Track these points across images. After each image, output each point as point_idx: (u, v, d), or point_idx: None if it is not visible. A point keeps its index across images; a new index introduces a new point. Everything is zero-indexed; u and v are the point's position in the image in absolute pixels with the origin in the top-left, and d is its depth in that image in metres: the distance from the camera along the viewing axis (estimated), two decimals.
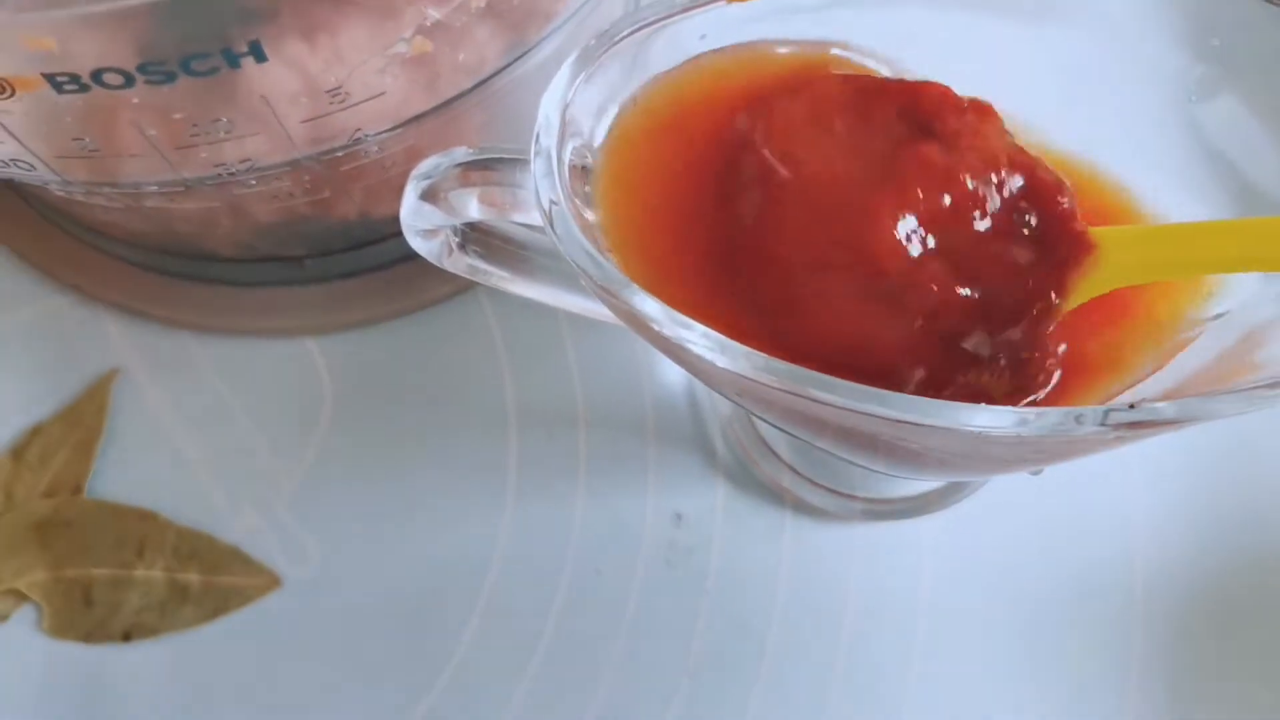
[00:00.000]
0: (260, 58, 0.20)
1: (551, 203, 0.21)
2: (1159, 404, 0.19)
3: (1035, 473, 0.29)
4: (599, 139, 0.24)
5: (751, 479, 0.32)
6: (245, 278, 0.32)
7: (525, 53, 0.27)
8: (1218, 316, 0.23)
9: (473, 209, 0.24)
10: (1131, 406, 0.19)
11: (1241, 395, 0.19)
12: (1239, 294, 0.23)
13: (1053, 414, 0.18)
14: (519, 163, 0.23)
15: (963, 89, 0.23)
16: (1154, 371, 0.22)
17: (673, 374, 0.33)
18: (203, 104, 0.21)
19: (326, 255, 0.31)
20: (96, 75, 0.19)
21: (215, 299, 0.33)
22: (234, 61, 0.20)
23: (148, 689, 0.29)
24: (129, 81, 0.20)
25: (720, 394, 0.25)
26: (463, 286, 0.33)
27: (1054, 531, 0.31)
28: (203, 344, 0.33)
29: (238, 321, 0.32)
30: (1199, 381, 0.22)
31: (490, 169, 0.24)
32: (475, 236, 0.26)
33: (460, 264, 0.26)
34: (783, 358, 0.18)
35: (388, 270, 0.32)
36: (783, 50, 0.25)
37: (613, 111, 0.24)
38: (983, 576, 0.30)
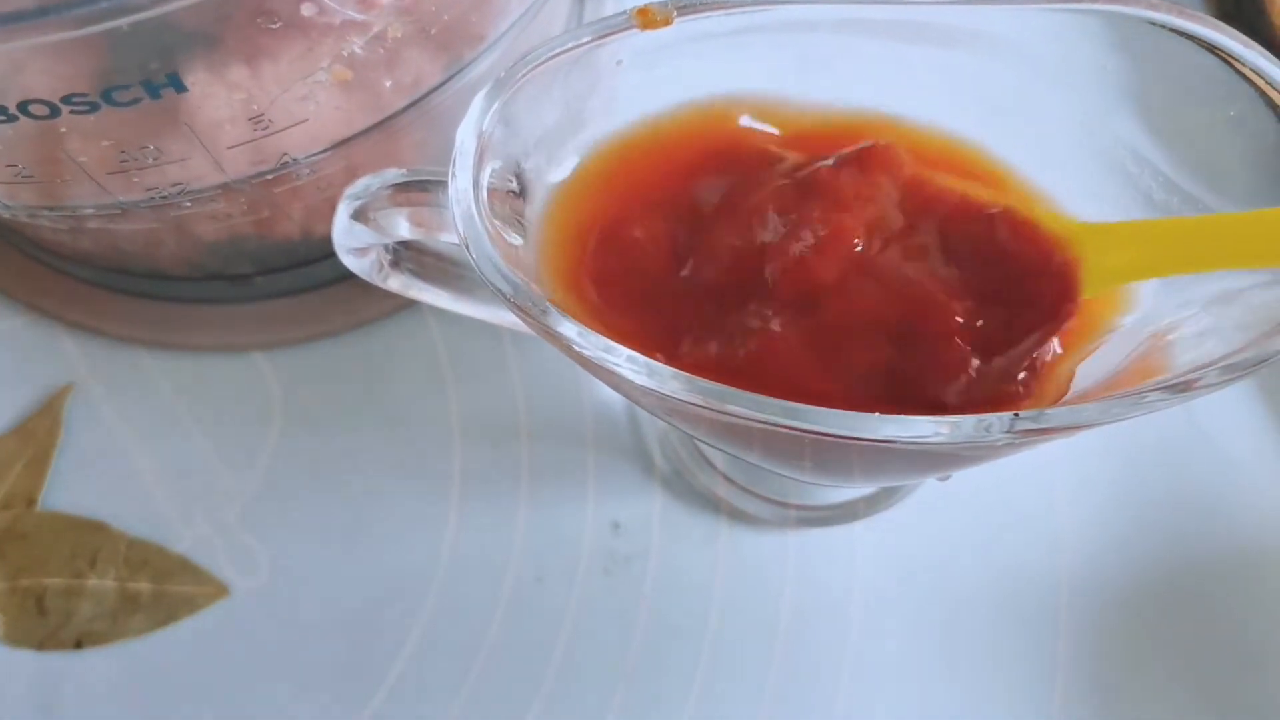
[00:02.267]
0: (180, 88, 0.21)
1: (467, 225, 0.22)
2: (1054, 410, 0.20)
3: (943, 479, 0.29)
4: (551, 168, 0.25)
5: (688, 488, 0.32)
6: (196, 295, 0.33)
7: (459, 72, 0.28)
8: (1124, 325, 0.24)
9: (403, 229, 0.25)
10: (1016, 415, 0.20)
11: (1130, 400, 0.20)
12: (1144, 302, 0.24)
13: (965, 423, 0.19)
14: (446, 184, 0.24)
15: (877, 111, 0.24)
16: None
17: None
18: (129, 132, 0.22)
19: (274, 272, 0.32)
20: (23, 106, 0.20)
21: (167, 315, 0.33)
22: (155, 93, 0.20)
23: (99, 696, 0.30)
24: (54, 112, 0.20)
25: (652, 414, 0.26)
26: (408, 303, 0.34)
27: (981, 536, 0.32)
28: (155, 359, 0.34)
29: (189, 337, 0.33)
30: (1109, 387, 0.23)
31: (420, 190, 0.25)
32: (409, 255, 0.27)
33: (393, 282, 0.27)
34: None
35: (334, 287, 0.33)
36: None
37: (573, 144, 0.25)
38: (913, 580, 0.31)
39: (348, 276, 0.33)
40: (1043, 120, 0.26)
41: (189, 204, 0.25)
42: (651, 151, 0.25)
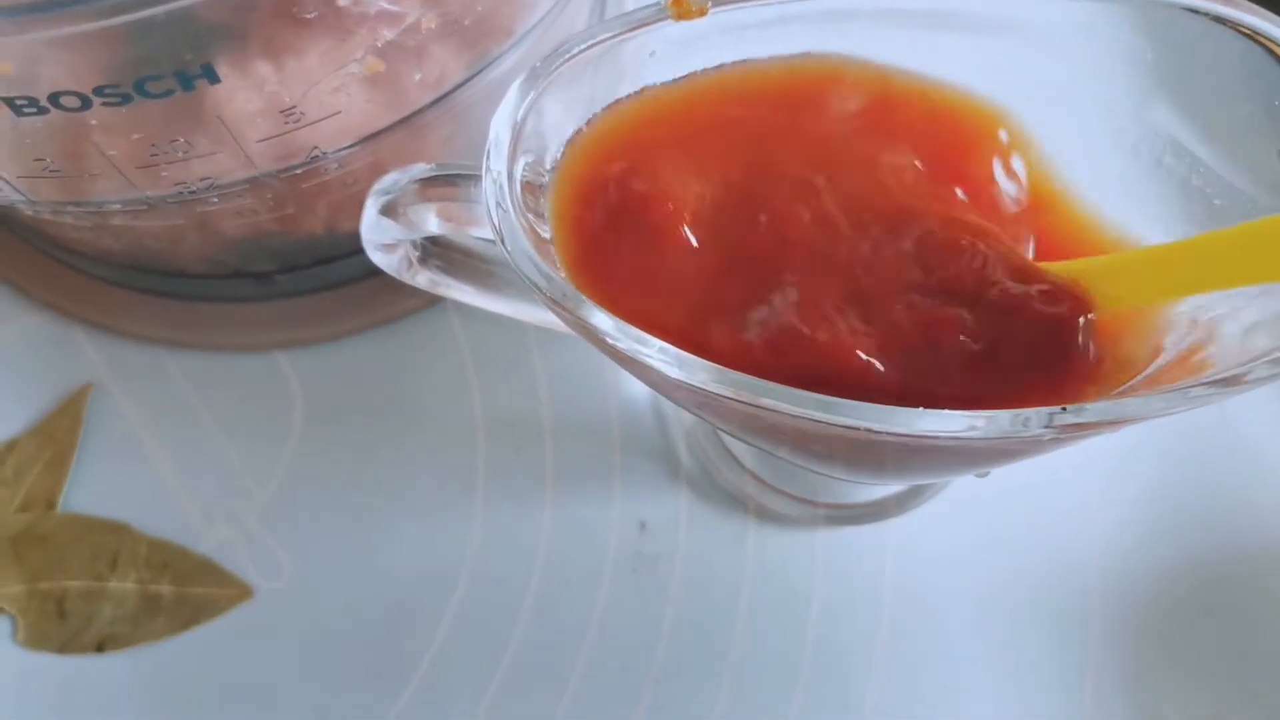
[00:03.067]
0: (214, 80, 0.20)
1: (502, 219, 0.21)
2: (1096, 405, 0.19)
3: (982, 475, 0.29)
4: (552, 159, 0.25)
5: (715, 487, 0.32)
6: (217, 293, 0.33)
7: (486, 67, 0.28)
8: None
9: (431, 224, 0.25)
10: (1064, 409, 0.19)
11: (1177, 394, 0.20)
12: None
13: (1001, 417, 0.19)
14: (476, 178, 0.23)
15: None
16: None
17: (638, 385, 0.33)
18: (160, 125, 0.21)
19: (296, 270, 0.32)
20: (54, 98, 0.20)
21: (188, 314, 0.33)
22: (188, 84, 0.20)
23: (120, 700, 0.30)
24: (86, 104, 0.20)
25: (682, 407, 0.26)
26: (431, 301, 0.33)
27: (1012, 533, 0.31)
28: (176, 359, 0.34)
29: (210, 337, 0.33)
30: (1152, 382, 0.22)
31: (449, 184, 0.24)
32: (436, 251, 0.27)
33: (421, 278, 0.27)
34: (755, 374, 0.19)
35: (357, 285, 0.33)
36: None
37: (567, 133, 0.25)
38: (943, 578, 0.31)
39: (370, 274, 0.33)
40: (1080, 111, 0.25)
41: (216, 199, 0.25)
42: (652, 129, 0.25)
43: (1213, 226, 0.23)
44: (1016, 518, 0.31)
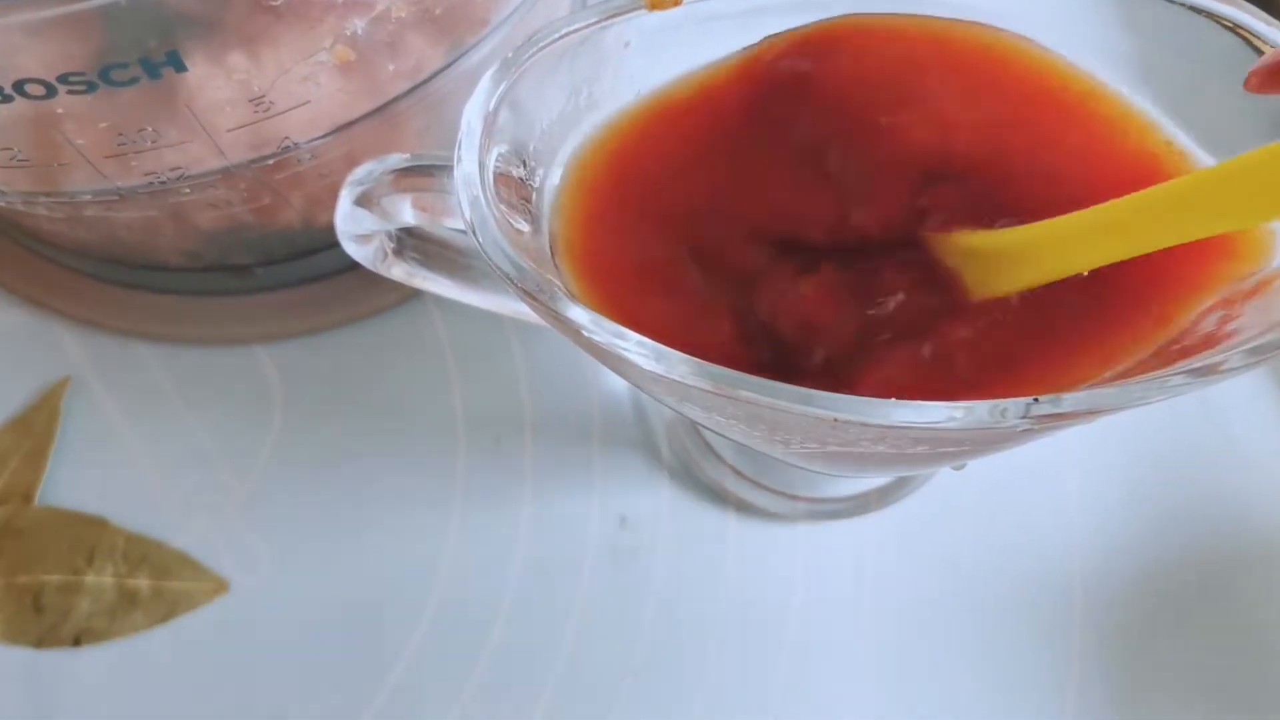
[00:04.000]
0: (180, 68, 0.20)
1: (473, 210, 0.21)
2: (1074, 395, 0.19)
3: (958, 468, 0.29)
4: (562, 152, 0.24)
5: (696, 481, 0.32)
6: (195, 286, 0.33)
7: (461, 56, 0.27)
8: None
9: (407, 215, 0.25)
10: (1037, 400, 0.19)
11: (1152, 383, 0.20)
12: None
13: (979, 408, 0.19)
14: (451, 169, 0.23)
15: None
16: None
17: (618, 378, 0.33)
18: (128, 114, 0.21)
19: (274, 263, 0.32)
20: (18, 86, 0.20)
21: (166, 308, 0.33)
22: (154, 72, 0.20)
23: (97, 694, 0.30)
24: (51, 92, 0.20)
25: (662, 403, 0.26)
26: (411, 294, 0.33)
27: (994, 528, 0.31)
28: (154, 352, 0.34)
29: (188, 330, 0.33)
30: (1130, 372, 0.22)
31: (424, 175, 0.24)
32: (412, 243, 0.27)
33: (397, 270, 0.27)
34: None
35: (336, 278, 0.33)
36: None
37: (582, 128, 0.25)
38: (924, 573, 0.31)
39: (349, 268, 0.33)
40: None
41: (188, 190, 0.25)
42: (662, 132, 0.25)
43: None
44: (999, 513, 0.31)
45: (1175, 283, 0.22)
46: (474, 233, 0.21)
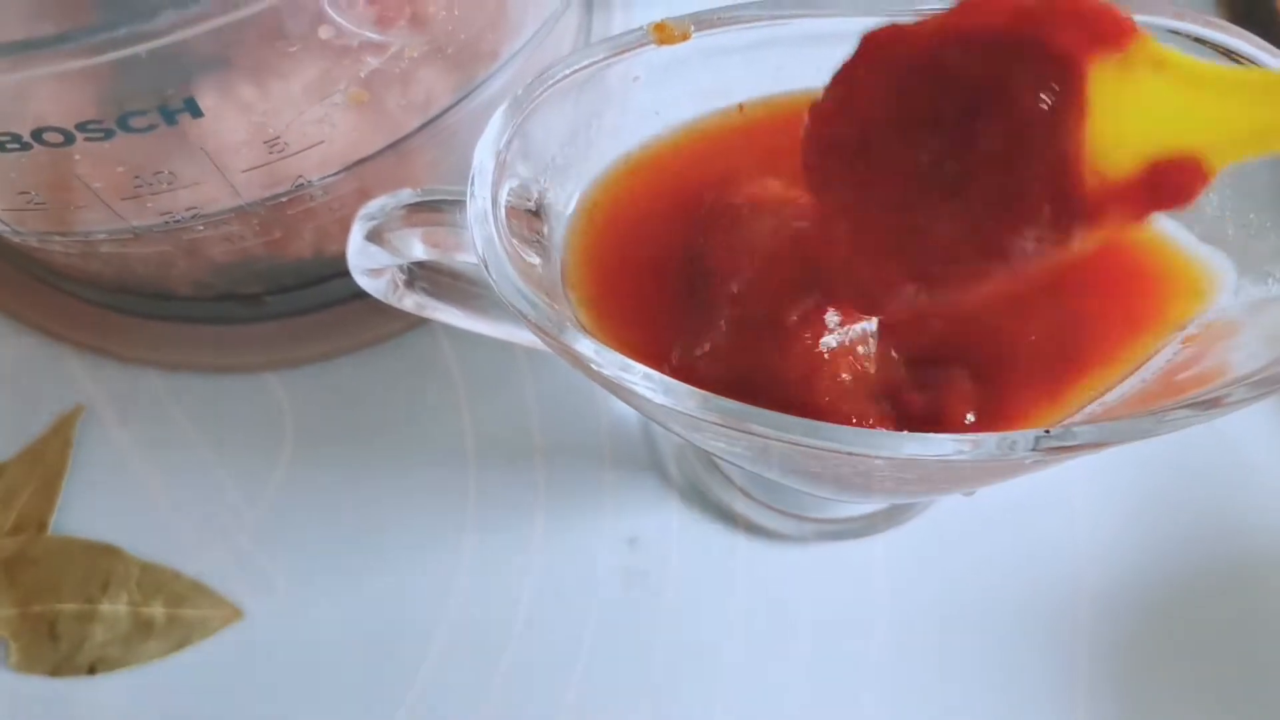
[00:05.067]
0: (196, 113, 0.20)
1: (486, 245, 0.21)
2: (1082, 428, 0.19)
3: (968, 494, 0.29)
4: (574, 183, 0.25)
5: (705, 503, 0.32)
6: (206, 315, 0.33)
7: (471, 90, 0.28)
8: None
9: (417, 249, 0.25)
10: (1047, 432, 0.19)
11: (1156, 418, 0.20)
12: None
13: (988, 441, 0.19)
14: (462, 204, 0.24)
15: None
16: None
17: None
18: (144, 157, 0.21)
19: (284, 292, 0.32)
20: (37, 134, 0.20)
21: (177, 336, 0.33)
22: (170, 118, 0.20)
23: None
24: (69, 139, 0.20)
25: (671, 432, 0.26)
26: (420, 321, 0.33)
27: (1002, 548, 0.31)
28: (165, 381, 0.34)
29: (200, 358, 0.33)
30: (1138, 402, 0.23)
31: (434, 210, 0.24)
32: (424, 275, 0.27)
33: (408, 302, 0.27)
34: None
35: (346, 305, 0.33)
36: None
37: (594, 161, 0.25)
38: (933, 593, 0.31)
39: (359, 295, 0.33)
40: None
41: (202, 227, 0.25)
42: (674, 165, 0.25)
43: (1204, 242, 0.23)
44: (1005, 532, 0.31)
45: (1121, 324, 0.22)
46: (487, 269, 0.21)
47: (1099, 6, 0.16)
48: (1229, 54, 0.23)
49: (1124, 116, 0.16)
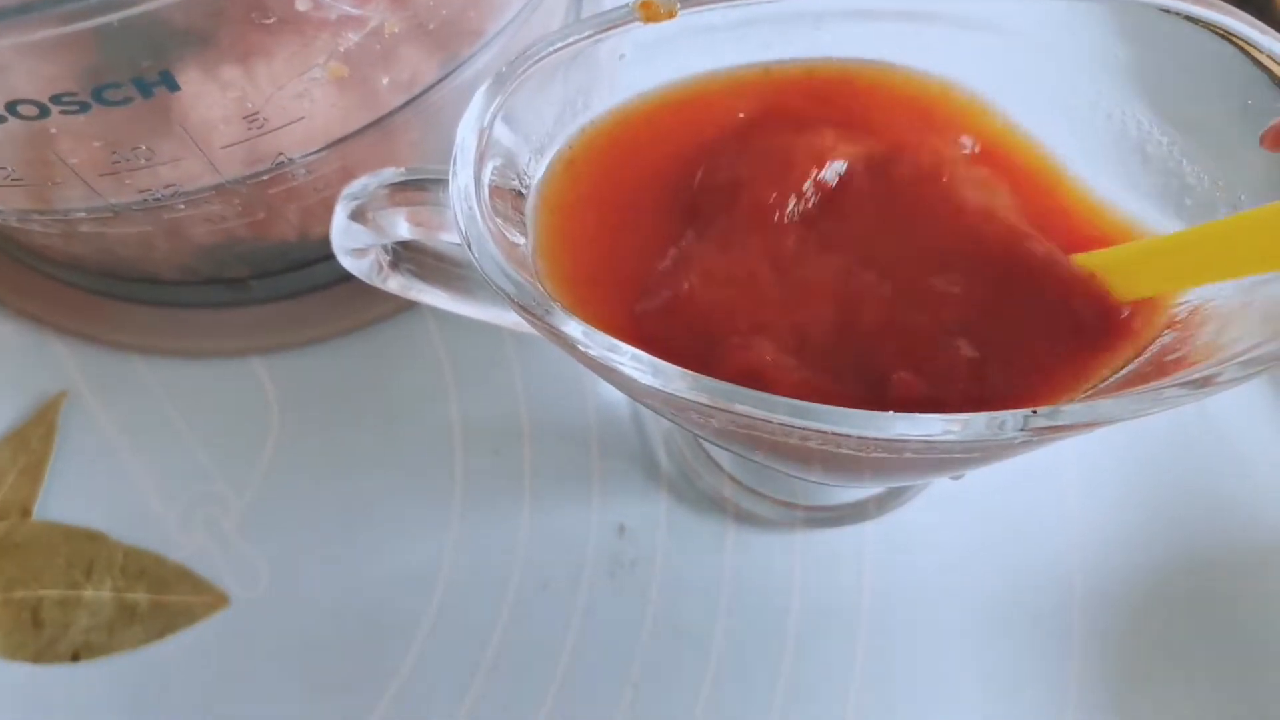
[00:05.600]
0: (173, 87, 0.20)
1: (469, 225, 0.21)
2: (1070, 407, 0.19)
3: (956, 478, 0.29)
4: (538, 169, 0.24)
5: (694, 490, 0.32)
6: (191, 299, 0.32)
7: (456, 68, 0.27)
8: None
9: (402, 229, 0.25)
10: (1034, 412, 0.19)
11: (1148, 396, 0.20)
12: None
13: (977, 420, 0.19)
14: (446, 183, 0.23)
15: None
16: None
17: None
18: (121, 132, 0.21)
19: (269, 276, 0.32)
20: (11, 107, 0.20)
21: (162, 321, 0.33)
22: (147, 91, 0.20)
23: (96, 709, 0.30)
24: (44, 112, 0.20)
25: (658, 414, 0.26)
26: (407, 304, 0.33)
27: (992, 533, 0.31)
28: (150, 366, 0.33)
29: (184, 343, 0.33)
30: (1128, 382, 0.22)
31: (418, 189, 0.24)
32: (408, 256, 0.27)
33: (393, 283, 0.26)
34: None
35: (331, 289, 0.33)
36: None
37: (556, 144, 0.25)
38: (923, 579, 0.31)
39: (345, 279, 0.33)
40: (1059, 107, 0.25)
41: (182, 206, 0.25)
42: (645, 135, 0.25)
43: (1193, 222, 0.23)
44: (996, 519, 0.31)
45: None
46: (470, 247, 0.21)
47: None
48: (1223, 32, 0.22)
49: None
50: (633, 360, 0.19)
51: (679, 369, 0.19)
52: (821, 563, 0.31)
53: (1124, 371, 0.22)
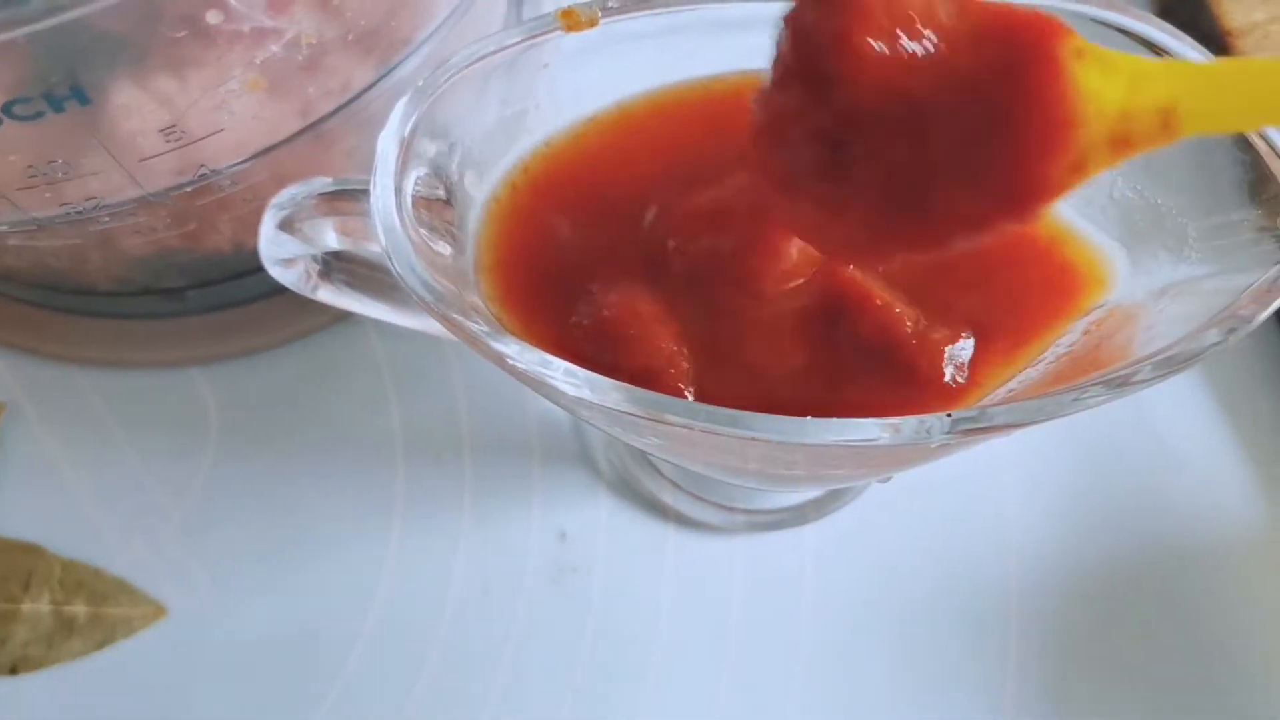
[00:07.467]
0: (84, 100, 0.20)
1: (389, 235, 0.21)
2: (994, 408, 0.19)
3: (884, 480, 0.29)
4: (479, 183, 0.25)
5: (635, 495, 0.32)
6: (128, 310, 0.32)
7: (388, 72, 0.27)
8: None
9: (330, 239, 0.25)
10: (951, 415, 0.19)
11: (1067, 396, 0.20)
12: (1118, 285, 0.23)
13: (907, 425, 0.19)
14: None
15: None
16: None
17: None
18: (35, 147, 0.21)
19: (207, 286, 0.31)
20: None
21: (100, 333, 0.33)
22: (57, 105, 0.20)
23: None
24: None
25: (595, 427, 0.26)
26: (347, 313, 0.33)
27: (930, 536, 0.31)
28: (89, 377, 0.33)
29: (123, 354, 0.32)
30: (1051, 382, 0.23)
31: (348, 199, 0.24)
32: (340, 266, 0.27)
33: (323, 293, 0.26)
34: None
35: (270, 299, 0.33)
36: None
37: (500, 160, 0.25)
38: (862, 581, 0.31)
39: (283, 289, 0.33)
40: None
41: (107, 218, 0.24)
42: (589, 153, 0.25)
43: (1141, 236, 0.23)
44: (934, 521, 0.31)
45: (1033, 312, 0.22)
46: (390, 257, 0.21)
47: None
48: (1151, 46, 0.23)
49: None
50: (565, 375, 0.20)
51: (614, 382, 0.19)
52: (761, 566, 0.31)
53: (1039, 373, 0.23)
